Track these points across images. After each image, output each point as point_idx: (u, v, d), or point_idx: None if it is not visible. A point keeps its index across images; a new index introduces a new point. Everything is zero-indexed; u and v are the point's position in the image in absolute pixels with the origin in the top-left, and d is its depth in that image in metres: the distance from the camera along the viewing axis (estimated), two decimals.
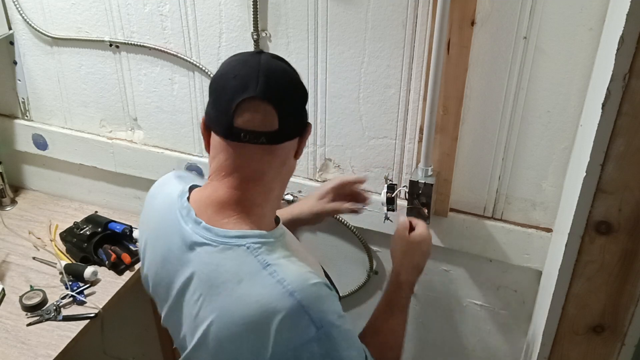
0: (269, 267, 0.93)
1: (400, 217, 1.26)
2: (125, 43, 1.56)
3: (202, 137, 1.02)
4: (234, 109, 0.92)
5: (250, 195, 0.98)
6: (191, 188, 1.05)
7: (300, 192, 1.54)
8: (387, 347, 1.12)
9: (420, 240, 1.20)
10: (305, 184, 1.53)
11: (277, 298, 0.91)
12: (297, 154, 1.02)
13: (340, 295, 1.23)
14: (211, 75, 1.47)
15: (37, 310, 1.46)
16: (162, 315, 1.09)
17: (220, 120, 0.96)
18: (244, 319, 0.93)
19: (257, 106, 0.92)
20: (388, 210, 1.33)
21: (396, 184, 1.31)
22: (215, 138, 0.98)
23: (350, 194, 1.34)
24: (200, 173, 1.61)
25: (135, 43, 1.54)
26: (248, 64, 0.95)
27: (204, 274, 0.97)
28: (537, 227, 1.35)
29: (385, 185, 1.31)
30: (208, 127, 0.99)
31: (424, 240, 1.20)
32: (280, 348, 0.91)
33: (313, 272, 0.97)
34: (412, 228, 1.21)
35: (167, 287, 1.03)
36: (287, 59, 1.38)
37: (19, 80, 1.76)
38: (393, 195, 1.30)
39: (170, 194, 1.06)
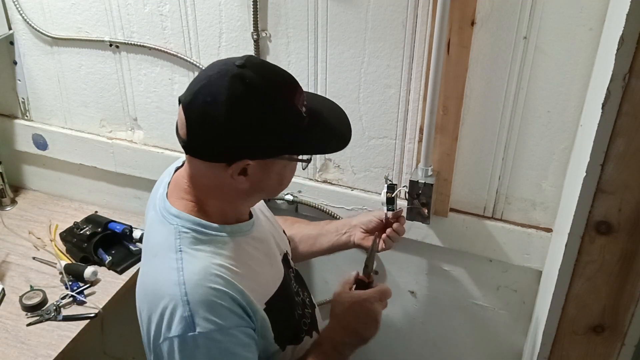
0: (180, 252, 0.96)
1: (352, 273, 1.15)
2: (125, 43, 1.56)
3: None
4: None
5: (194, 191, 1.01)
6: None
7: (300, 191, 1.54)
8: None
9: (353, 302, 1.07)
10: (305, 183, 1.53)
11: (168, 284, 0.94)
12: (236, 183, 0.95)
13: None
14: None
15: (37, 310, 1.46)
16: None
17: None
18: (144, 293, 0.99)
19: (180, 111, 0.95)
20: (388, 210, 1.33)
21: (396, 184, 1.31)
22: None
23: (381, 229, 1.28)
24: None
25: (135, 43, 1.54)
26: (220, 70, 0.93)
27: (145, 234, 1.07)
28: (537, 227, 1.35)
29: (386, 185, 1.31)
30: None
31: (357, 301, 1.07)
32: (156, 332, 0.94)
33: (226, 278, 0.94)
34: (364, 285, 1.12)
35: None
36: (287, 59, 1.40)
37: (19, 80, 1.76)
38: (393, 195, 1.30)
39: (169, 169, 1.14)
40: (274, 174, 0.99)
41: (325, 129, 0.99)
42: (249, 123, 0.90)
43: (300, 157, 0.99)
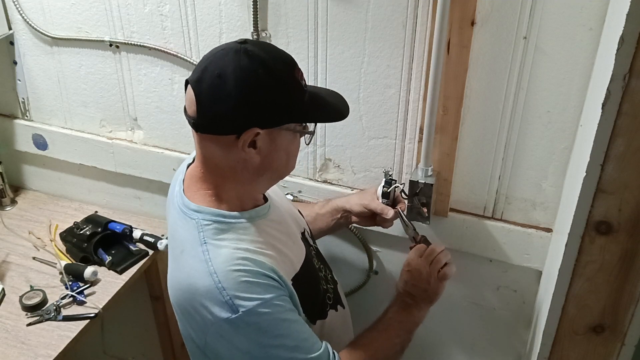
0: (205, 245, 0.99)
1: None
2: (125, 43, 1.56)
3: None
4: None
5: (209, 177, 1.04)
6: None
7: (300, 192, 1.54)
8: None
9: (401, 272, 1.23)
10: (305, 184, 1.53)
11: (200, 276, 0.97)
12: (247, 157, 0.99)
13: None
14: None
15: (37, 310, 1.46)
16: None
17: None
18: (178, 288, 1.01)
19: (189, 90, 0.98)
20: (383, 202, 1.32)
21: (395, 180, 1.31)
22: None
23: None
24: None
25: (135, 43, 1.54)
26: (224, 49, 0.99)
27: (170, 233, 1.10)
28: (537, 227, 1.35)
29: (384, 179, 1.31)
30: None
31: (402, 269, 1.23)
32: (201, 323, 0.97)
33: (252, 259, 0.99)
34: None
35: None
36: None
37: (19, 80, 1.76)
38: (389, 191, 1.30)
39: (180, 167, 1.16)
40: (282, 150, 1.03)
41: (325, 101, 1.06)
42: (256, 92, 0.95)
43: (304, 129, 1.04)
